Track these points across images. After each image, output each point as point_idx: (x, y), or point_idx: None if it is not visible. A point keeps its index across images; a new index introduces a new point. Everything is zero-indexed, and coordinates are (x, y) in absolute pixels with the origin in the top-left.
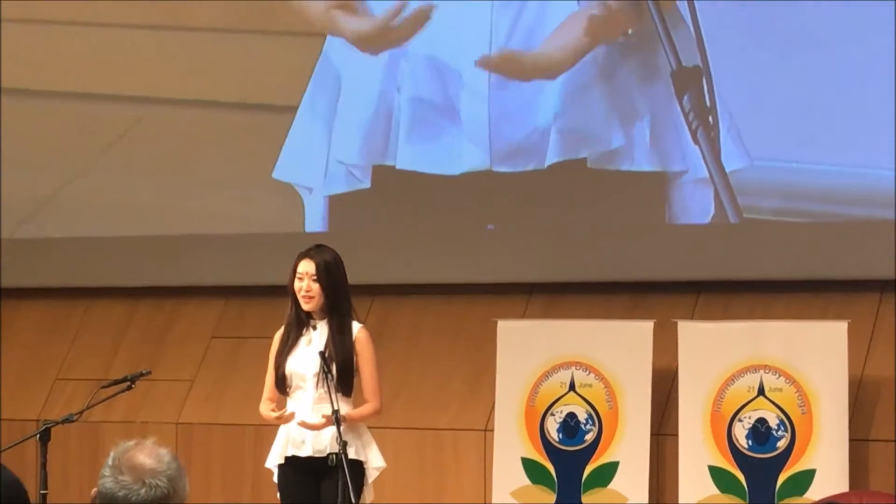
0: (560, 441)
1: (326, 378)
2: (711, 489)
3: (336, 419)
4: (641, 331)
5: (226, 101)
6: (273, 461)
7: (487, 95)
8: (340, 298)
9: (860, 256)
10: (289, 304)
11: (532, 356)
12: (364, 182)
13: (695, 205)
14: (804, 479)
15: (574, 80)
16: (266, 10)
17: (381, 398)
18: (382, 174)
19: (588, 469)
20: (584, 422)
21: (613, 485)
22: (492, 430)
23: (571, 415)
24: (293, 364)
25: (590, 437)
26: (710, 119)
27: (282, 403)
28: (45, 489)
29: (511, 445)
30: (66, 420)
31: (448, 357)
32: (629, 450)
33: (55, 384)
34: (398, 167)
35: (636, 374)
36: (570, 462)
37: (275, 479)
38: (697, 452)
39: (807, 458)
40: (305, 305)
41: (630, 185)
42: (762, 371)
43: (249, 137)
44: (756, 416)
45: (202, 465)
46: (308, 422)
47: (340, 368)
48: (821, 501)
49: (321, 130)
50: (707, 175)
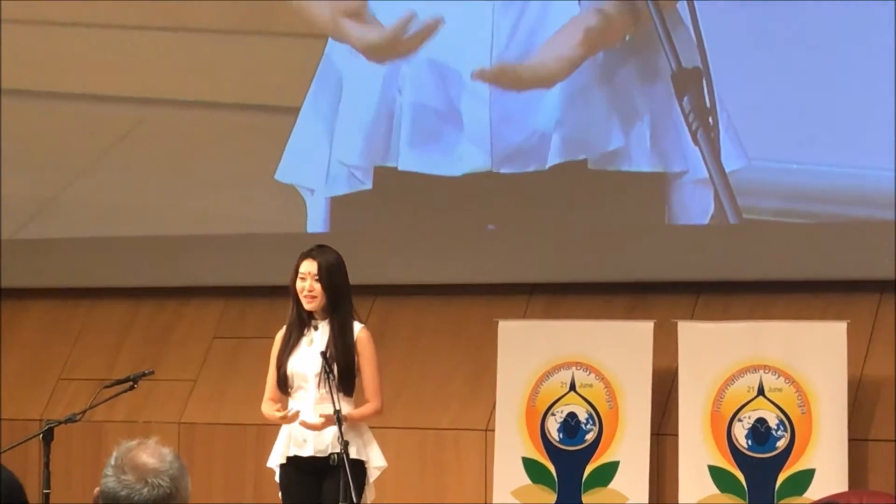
0: (560, 441)
1: (328, 378)
2: (711, 489)
3: (338, 419)
4: (641, 331)
5: (227, 102)
6: (275, 461)
7: (489, 98)
8: (342, 298)
9: (860, 257)
10: (290, 305)
11: (533, 356)
12: (366, 183)
13: (695, 205)
14: (804, 479)
15: (575, 83)
16: (267, 11)
17: (382, 398)
18: (384, 175)
19: (588, 469)
20: (585, 422)
21: (614, 484)
22: (493, 430)
23: (572, 415)
24: (295, 364)
25: (590, 437)
26: (710, 120)
27: (284, 404)
28: (49, 489)
29: (512, 445)
30: (69, 420)
31: (449, 357)
32: (629, 450)
33: (58, 384)
34: (400, 169)
35: (636, 375)
36: (571, 462)
37: (276, 479)
38: (697, 452)
39: (806, 458)
40: (308, 305)
41: (630, 186)
42: (762, 371)
43: (251, 138)
44: (756, 416)
45: (204, 465)
46: (308, 421)
47: (342, 368)
48: (820, 501)
49: (323, 132)
50: (707, 176)
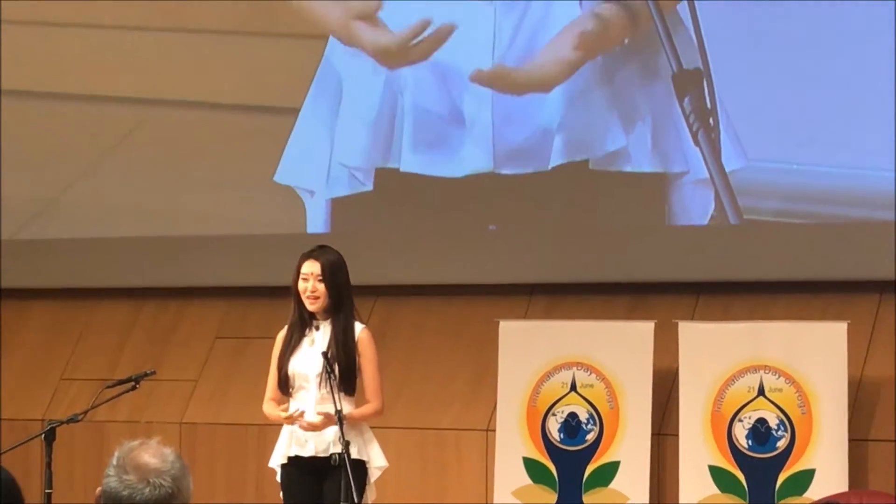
0: (561, 441)
1: (329, 378)
2: (712, 489)
3: (339, 419)
4: (642, 331)
5: (228, 103)
6: (276, 461)
7: (491, 99)
8: (344, 298)
9: (860, 258)
10: (291, 305)
11: (533, 356)
12: (366, 185)
13: (695, 206)
14: (804, 479)
15: (576, 84)
16: (268, 13)
17: (383, 398)
18: (384, 176)
19: (589, 469)
20: (586, 422)
21: (614, 484)
22: (493, 430)
23: (573, 415)
24: (296, 364)
25: (591, 437)
26: (711, 121)
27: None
28: (51, 488)
29: (513, 445)
30: (71, 420)
31: (450, 357)
32: (630, 450)
33: (60, 384)
34: (402, 170)
35: (637, 375)
36: (572, 462)
37: (278, 479)
38: (698, 452)
39: (806, 458)
40: (311, 306)
41: (630, 187)
42: (762, 371)
43: (252, 139)
44: (756, 417)
45: (206, 465)
46: (307, 421)
47: (343, 369)
48: (820, 501)
49: (323, 133)
50: (707, 176)
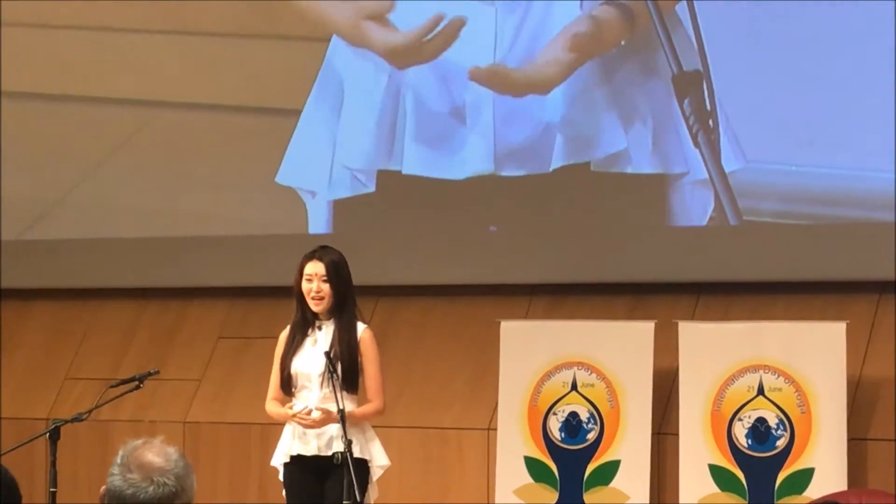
0: (562, 440)
1: (332, 378)
2: (712, 487)
3: (342, 418)
4: (642, 331)
5: (230, 105)
6: (278, 459)
7: (492, 100)
8: (347, 298)
9: (859, 258)
10: (294, 305)
11: (534, 356)
12: (369, 186)
13: (695, 207)
14: (803, 478)
15: (577, 85)
16: (270, 14)
17: (384, 398)
18: (386, 178)
19: (590, 468)
20: (586, 421)
21: (615, 483)
22: (495, 429)
23: (573, 414)
24: (299, 364)
25: (591, 437)
26: (711, 122)
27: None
28: (55, 487)
29: (514, 444)
30: (76, 419)
31: (451, 357)
32: (630, 449)
33: (64, 384)
34: (404, 172)
35: (637, 374)
36: (572, 461)
37: (280, 478)
38: (698, 451)
39: (806, 457)
40: (316, 307)
41: (630, 188)
42: (762, 371)
43: (254, 140)
44: (756, 416)
45: (209, 464)
46: (308, 419)
47: (346, 368)
48: (820, 500)
49: (325, 135)
50: (707, 177)
